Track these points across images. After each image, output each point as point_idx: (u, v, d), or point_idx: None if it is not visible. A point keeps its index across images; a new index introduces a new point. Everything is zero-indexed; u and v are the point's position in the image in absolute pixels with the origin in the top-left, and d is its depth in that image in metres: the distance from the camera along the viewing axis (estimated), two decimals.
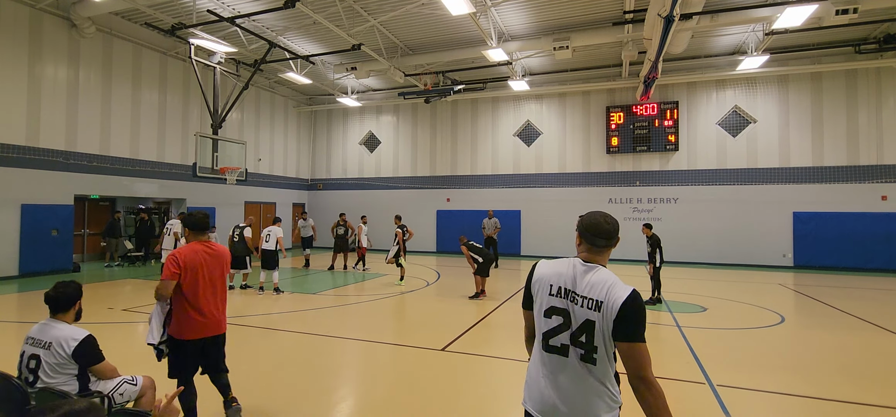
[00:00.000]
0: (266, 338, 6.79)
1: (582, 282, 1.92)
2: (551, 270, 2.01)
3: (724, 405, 4.36)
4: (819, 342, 6.79)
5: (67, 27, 12.71)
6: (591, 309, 1.88)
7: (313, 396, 4.62)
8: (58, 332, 2.98)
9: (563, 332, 1.92)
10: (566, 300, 1.93)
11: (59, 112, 12.65)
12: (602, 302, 1.86)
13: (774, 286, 11.90)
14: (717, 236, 16.50)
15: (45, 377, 2.94)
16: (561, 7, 12.50)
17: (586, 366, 1.89)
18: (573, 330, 1.90)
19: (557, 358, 1.92)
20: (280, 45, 14.32)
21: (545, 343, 1.97)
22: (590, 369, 1.88)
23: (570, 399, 1.89)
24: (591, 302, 1.88)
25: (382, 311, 8.78)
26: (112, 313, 8.02)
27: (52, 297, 3.07)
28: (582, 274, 1.94)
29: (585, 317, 1.88)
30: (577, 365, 1.89)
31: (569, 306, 1.92)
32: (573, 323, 1.90)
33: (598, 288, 1.88)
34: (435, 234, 20.13)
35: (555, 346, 1.93)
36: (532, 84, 18.01)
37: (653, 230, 9.45)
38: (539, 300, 2.00)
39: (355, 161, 21.99)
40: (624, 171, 17.77)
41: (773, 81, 16.13)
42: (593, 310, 1.87)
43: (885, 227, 14.85)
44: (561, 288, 1.95)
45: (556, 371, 1.92)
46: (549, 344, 1.95)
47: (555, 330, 1.93)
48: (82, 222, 15.77)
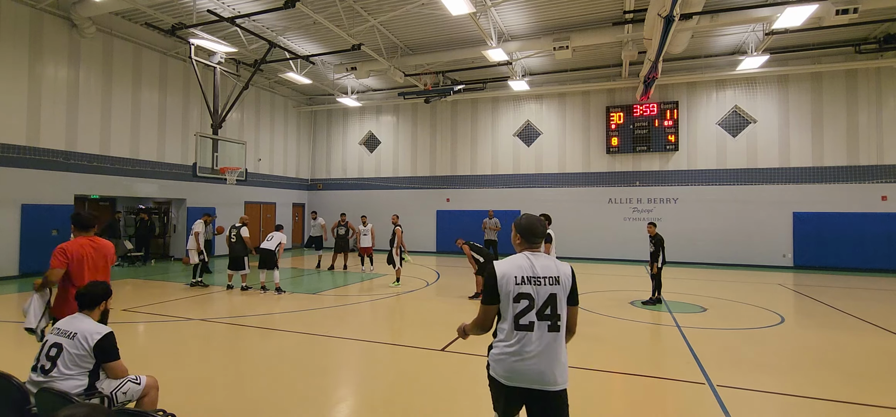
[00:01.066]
0: (266, 338, 6.79)
1: (538, 267, 2.43)
2: (511, 266, 2.45)
3: (724, 405, 4.36)
4: (819, 342, 6.79)
5: (68, 27, 12.71)
6: (552, 284, 2.42)
7: (313, 396, 4.62)
8: (84, 325, 3.17)
9: (530, 312, 2.38)
10: (530, 285, 2.40)
11: (59, 112, 12.65)
12: (558, 276, 2.44)
13: (774, 286, 11.90)
14: (717, 236, 16.50)
15: (63, 367, 3.05)
16: (561, 7, 12.50)
17: (552, 335, 2.38)
18: (538, 308, 2.38)
19: (527, 333, 2.37)
20: (280, 45, 14.32)
21: (516, 323, 2.39)
22: (555, 336, 2.38)
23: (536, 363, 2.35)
24: (550, 278, 2.42)
25: (382, 311, 8.78)
26: (112, 313, 8.00)
27: (82, 293, 3.31)
28: (535, 263, 2.45)
29: (549, 292, 2.40)
30: (544, 336, 2.37)
31: (532, 289, 2.39)
32: (537, 301, 2.38)
33: (551, 267, 2.45)
34: (435, 234, 20.13)
35: (524, 324, 2.38)
36: (532, 84, 18.01)
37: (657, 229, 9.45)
38: (507, 291, 2.40)
39: (355, 161, 21.99)
40: (624, 171, 17.77)
41: (773, 81, 16.13)
42: (554, 284, 2.42)
43: (885, 227, 14.85)
44: (524, 276, 2.41)
45: (523, 343, 2.37)
46: (519, 324, 2.38)
47: (523, 311, 2.38)
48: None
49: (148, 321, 7.67)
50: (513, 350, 2.38)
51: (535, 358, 2.34)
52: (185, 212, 16.40)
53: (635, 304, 9.20)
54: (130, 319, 7.71)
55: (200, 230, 11.14)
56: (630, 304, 9.23)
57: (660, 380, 5.11)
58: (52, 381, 3.00)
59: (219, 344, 6.52)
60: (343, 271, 13.93)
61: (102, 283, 3.43)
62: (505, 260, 2.48)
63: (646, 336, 7.20)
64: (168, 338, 6.72)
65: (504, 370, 2.41)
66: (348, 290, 10.87)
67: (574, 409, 4.35)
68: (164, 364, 5.49)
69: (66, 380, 3.02)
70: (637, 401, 4.61)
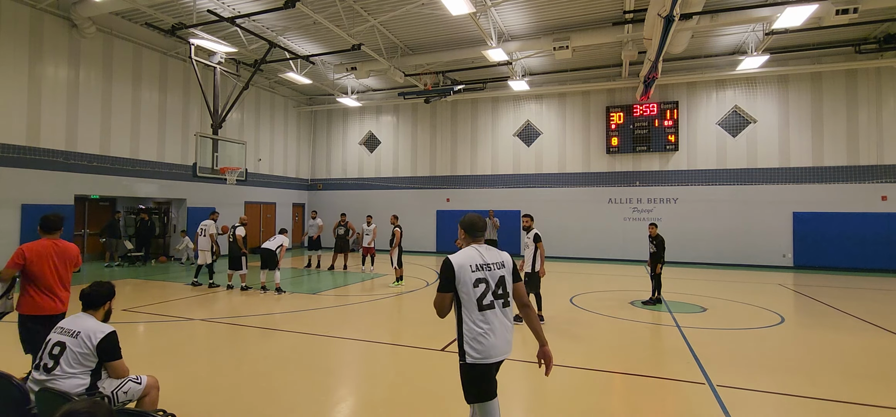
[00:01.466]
0: (266, 338, 6.79)
1: (487, 257, 2.90)
2: (465, 258, 2.86)
3: (724, 405, 4.37)
4: (819, 342, 6.79)
5: (68, 27, 12.71)
6: (499, 269, 2.89)
7: (313, 396, 4.62)
8: (87, 324, 3.20)
9: (488, 294, 2.81)
10: (483, 271, 2.84)
11: (59, 112, 12.65)
12: (503, 261, 2.95)
13: (774, 286, 11.90)
14: (716, 236, 16.50)
15: (66, 365, 3.06)
16: (561, 7, 12.50)
17: (505, 310, 2.87)
18: (493, 289, 2.83)
19: (489, 312, 2.80)
20: (280, 45, 14.32)
21: (480, 304, 2.79)
22: (506, 312, 2.88)
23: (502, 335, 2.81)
24: (497, 264, 2.91)
25: (382, 311, 8.78)
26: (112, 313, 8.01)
27: (86, 293, 3.34)
28: (484, 253, 2.92)
29: (499, 275, 2.87)
30: (499, 312, 2.84)
31: (486, 274, 2.83)
32: (491, 284, 2.84)
33: (495, 254, 2.95)
34: (435, 234, 20.13)
35: (486, 305, 2.80)
36: (532, 84, 18.01)
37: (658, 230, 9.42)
38: (465, 280, 2.79)
39: (355, 161, 22.00)
40: (624, 171, 17.77)
41: (773, 81, 16.13)
42: (501, 268, 2.90)
43: (885, 227, 14.85)
44: (478, 264, 2.86)
45: (489, 321, 2.79)
46: (482, 305, 2.80)
47: (483, 294, 2.80)
48: (82, 222, 15.77)
49: (148, 321, 7.67)
50: (484, 329, 2.76)
51: (501, 332, 2.80)
52: (185, 212, 16.40)
53: (635, 304, 9.20)
54: (131, 319, 7.71)
55: (213, 230, 11.13)
56: (630, 304, 9.23)
57: (660, 380, 5.11)
58: (55, 380, 3.00)
59: (219, 344, 6.52)
60: (343, 271, 13.93)
61: (107, 283, 3.44)
62: (459, 254, 2.90)
63: (646, 336, 7.20)
64: (168, 338, 6.73)
65: (483, 349, 2.74)
66: (348, 290, 10.87)
67: (575, 410, 4.36)
68: (164, 364, 5.49)
69: (69, 379, 3.03)
70: (637, 401, 4.61)
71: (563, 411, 4.32)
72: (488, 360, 2.72)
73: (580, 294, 10.44)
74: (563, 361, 5.74)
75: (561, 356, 5.97)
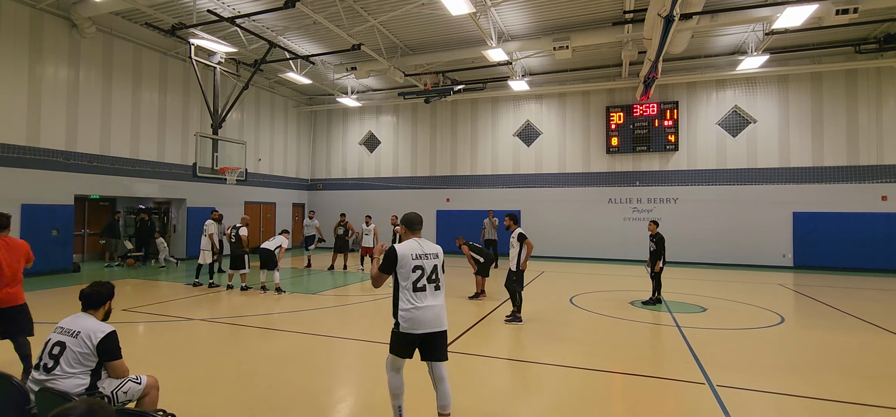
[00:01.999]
0: (266, 338, 6.79)
1: (425, 248, 3.59)
2: (407, 248, 3.54)
3: (724, 405, 4.37)
4: (819, 342, 6.79)
5: (68, 27, 12.71)
6: (434, 258, 3.60)
7: (313, 396, 4.62)
8: (87, 324, 3.19)
9: (422, 278, 3.50)
10: (421, 260, 3.53)
11: (59, 112, 12.65)
12: (437, 252, 3.66)
13: (774, 286, 11.90)
14: (717, 236, 16.50)
15: (66, 365, 3.05)
16: (561, 7, 12.50)
17: (439, 291, 3.57)
18: (428, 274, 3.52)
19: (422, 293, 3.49)
20: (280, 45, 14.32)
21: (414, 287, 3.48)
22: (438, 294, 3.56)
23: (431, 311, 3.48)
24: (432, 254, 3.61)
25: (382, 311, 8.78)
26: (112, 313, 8.01)
27: (87, 294, 3.34)
28: (422, 244, 3.60)
29: (433, 264, 3.57)
30: (433, 293, 3.52)
31: (423, 262, 3.53)
32: (426, 270, 3.53)
33: (431, 246, 3.64)
34: (435, 234, 20.12)
35: (420, 287, 3.49)
36: (532, 84, 18.02)
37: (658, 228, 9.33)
38: (406, 265, 3.48)
39: (355, 161, 21.99)
40: (624, 171, 17.77)
41: (773, 81, 16.13)
42: (435, 258, 3.61)
43: (885, 227, 14.85)
44: (417, 254, 3.52)
45: (422, 300, 3.47)
46: (416, 287, 3.49)
47: (418, 278, 3.49)
48: (82, 222, 15.77)
49: (148, 321, 7.67)
50: (414, 306, 3.44)
51: (431, 309, 3.47)
52: (185, 212, 16.40)
53: (635, 304, 9.20)
54: (130, 319, 7.71)
55: (214, 230, 11.11)
56: (630, 304, 9.23)
57: (660, 380, 5.10)
58: (55, 380, 3.00)
59: (219, 344, 6.52)
60: (343, 271, 13.93)
61: (107, 283, 3.44)
62: (403, 244, 3.57)
63: (646, 336, 7.20)
64: (168, 338, 6.72)
65: (411, 323, 3.44)
66: (348, 290, 10.87)
67: (575, 409, 4.36)
68: (164, 364, 5.49)
69: (69, 379, 3.03)
70: (637, 401, 4.61)
71: (563, 411, 4.32)
72: (415, 331, 3.45)
73: (580, 294, 10.44)
74: (563, 361, 5.75)
75: (561, 356, 5.97)
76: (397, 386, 3.67)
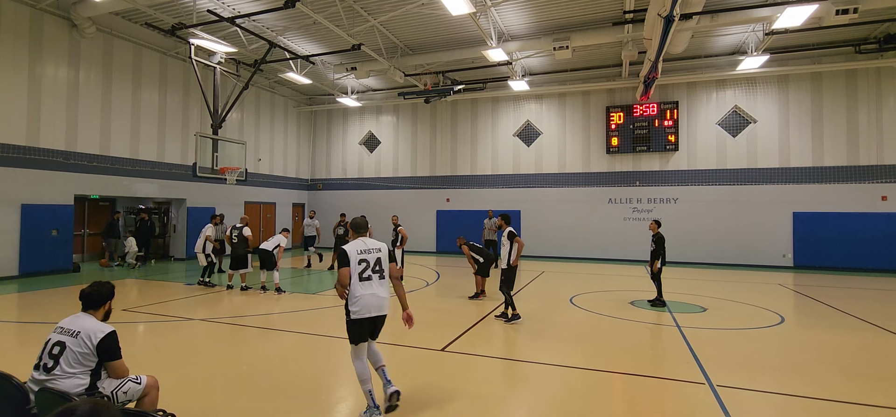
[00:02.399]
0: (266, 338, 6.79)
1: (369, 245, 4.19)
2: (353, 246, 4.13)
3: (724, 405, 4.37)
4: (819, 342, 6.79)
5: (68, 27, 12.71)
6: (378, 252, 4.17)
7: (313, 396, 4.62)
8: (88, 324, 3.18)
9: (367, 269, 4.07)
10: (365, 255, 4.11)
11: (59, 112, 12.65)
12: (380, 248, 4.21)
13: (774, 286, 11.90)
14: (717, 236, 16.50)
15: (66, 365, 3.04)
16: (561, 7, 12.50)
17: (383, 280, 4.15)
18: (372, 265, 4.09)
19: (368, 282, 4.05)
20: (280, 45, 14.32)
21: (360, 276, 4.03)
22: (383, 282, 4.14)
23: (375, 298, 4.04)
24: (375, 250, 4.17)
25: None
26: (112, 313, 8.01)
27: (87, 293, 3.33)
28: (366, 242, 4.20)
29: (376, 257, 4.14)
30: (378, 281, 4.09)
31: (367, 256, 4.11)
32: (371, 263, 4.10)
33: (374, 243, 4.21)
34: (435, 234, 20.14)
35: (365, 277, 4.05)
36: (532, 84, 18.02)
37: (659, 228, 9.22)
38: (353, 260, 4.03)
39: (355, 161, 21.99)
40: (624, 171, 17.77)
41: (773, 81, 16.13)
42: (378, 252, 4.17)
43: (885, 227, 14.85)
44: (361, 250, 4.12)
45: (368, 289, 4.03)
46: (362, 277, 4.03)
47: (364, 270, 4.06)
48: (82, 222, 15.77)
49: (148, 321, 7.67)
50: (362, 294, 3.99)
51: (376, 296, 4.03)
52: (185, 212, 16.39)
53: (637, 304, 9.19)
54: (130, 319, 7.71)
55: (210, 233, 11.13)
56: (630, 304, 9.23)
57: (660, 380, 5.10)
58: (55, 380, 3.00)
59: (219, 344, 6.52)
60: None
61: (107, 283, 3.44)
62: (349, 244, 4.16)
63: (646, 336, 7.20)
64: (168, 338, 6.73)
65: (360, 308, 3.97)
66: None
67: (575, 409, 4.36)
68: (164, 364, 5.49)
69: (69, 379, 3.03)
70: (637, 401, 4.61)
71: (563, 411, 4.32)
72: (363, 316, 3.98)
73: (580, 294, 10.44)
74: (563, 361, 5.74)
75: (561, 356, 5.97)
76: (364, 372, 4.04)
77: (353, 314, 3.97)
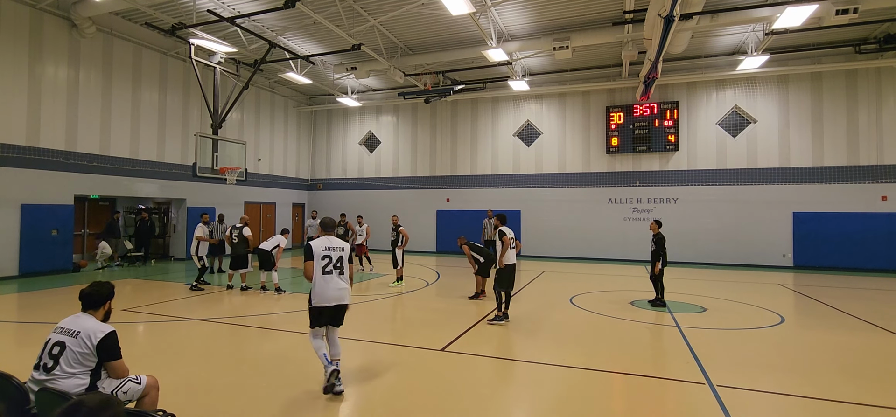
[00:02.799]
0: (266, 338, 6.79)
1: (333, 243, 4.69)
2: (319, 243, 4.63)
3: (724, 405, 4.37)
4: (819, 342, 6.79)
5: (68, 27, 12.71)
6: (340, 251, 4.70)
7: (313, 396, 4.62)
8: (87, 324, 3.18)
9: (329, 264, 4.58)
10: (329, 252, 4.61)
11: (59, 112, 12.65)
12: (343, 247, 4.67)
13: (774, 286, 11.90)
14: (717, 236, 16.50)
15: (65, 365, 3.04)
16: (561, 7, 12.50)
17: (343, 275, 4.68)
18: (334, 262, 4.63)
19: (330, 276, 4.59)
20: (280, 45, 14.32)
21: (323, 271, 4.57)
22: (343, 277, 4.67)
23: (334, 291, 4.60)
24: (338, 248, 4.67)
25: (382, 311, 8.78)
26: (112, 313, 8.01)
27: (87, 293, 3.32)
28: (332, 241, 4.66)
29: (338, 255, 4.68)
30: (338, 276, 4.63)
31: (331, 253, 4.62)
32: (333, 259, 4.62)
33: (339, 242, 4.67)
34: (435, 234, 20.13)
35: (327, 271, 4.58)
36: (532, 84, 18.01)
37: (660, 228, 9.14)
38: (318, 255, 4.56)
39: (355, 161, 21.99)
40: (624, 171, 17.77)
41: (773, 81, 16.13)
42: (341, 251, 4.68)
43: (885, 227, 14.85)
44: (326, 247, 4.62)
45: (329, 282, 4.58)
46: (325, 271, 4.58)
47: (326, 264, 4.58)
48: (82, 222, 15.77)
49: (148, 321, 7.67)
50: (323, 285, 4.56)
51: (334, 288, 4.59)
52: (185, 212, 16.40)
53: (636, 304, 9.19)
54: (130, 319, 7.71)
55: (201, 233, 11.02)
56: (630, 304, 9.23)
57: (660, 380, 5.10)
58: (55, 380, 3.00)
59: (219, 344, 6.52)
60: None
61: (107, 283, 3.43)
62: (316, 241, 4.65)
63: (646, 336, 7.20)
64: (168, 338, 6.72)
65: (319, 297, 4.55)
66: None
67: (575, 409, 4.36)
68: (164, 364, 5.49)
69: (69, 379, 3.03)
70: (637, 401, 4.61)
71: (563, 411, 4.32)
72: (321, 304, 4.57)
73: (580, 294, 10.43)
74: (563, 361, 5.74)
75: (561, 356, 5.97)
76: (318, 344, 4.68)
77: (314, 301, 4.58)
